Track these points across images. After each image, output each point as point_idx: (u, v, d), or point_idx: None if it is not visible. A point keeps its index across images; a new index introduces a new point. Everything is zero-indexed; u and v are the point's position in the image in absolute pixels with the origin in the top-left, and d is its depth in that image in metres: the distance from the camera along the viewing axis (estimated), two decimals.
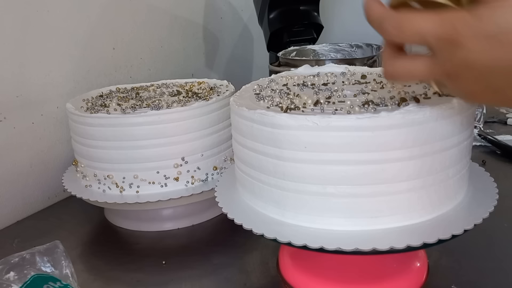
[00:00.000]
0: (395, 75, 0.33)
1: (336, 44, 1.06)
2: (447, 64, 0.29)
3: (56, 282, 0.42)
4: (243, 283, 0.52)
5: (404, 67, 0.32)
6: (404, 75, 0.32)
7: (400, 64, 0.32)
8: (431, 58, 0.30)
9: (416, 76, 0.32)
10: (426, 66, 0.31)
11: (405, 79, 0.33)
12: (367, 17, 0.33)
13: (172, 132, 0.59)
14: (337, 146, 0.39)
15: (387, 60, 0.33)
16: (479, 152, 0.81)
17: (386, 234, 0.40)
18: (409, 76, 0.32)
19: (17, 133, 0.71)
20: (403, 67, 0.32)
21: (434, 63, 0.30)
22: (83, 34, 0.81)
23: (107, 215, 0.70)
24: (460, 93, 0.32)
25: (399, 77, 0.33)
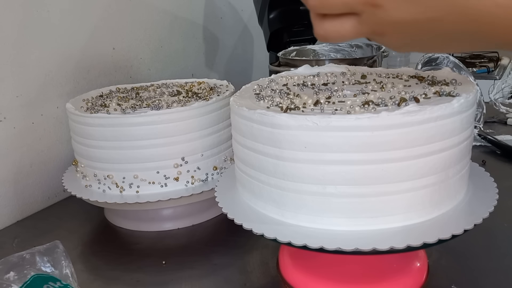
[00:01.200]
0: (326, 35, 0.34)
1: (336, 44, 1.06)
2: (372, 23, 0.31)
3: (56, 282, 0.42)
4: (243, 283, 0.52)
5: (333, 28, 0.33)
6: (334, 35, 0.34)
7: (329, 26, 0.33)
8: (357, 18, 0.32)
9: (346, 35, 0.33)
10: (353, 26, 0.32)
11: (336, 39, 0.34)
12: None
13: (172, 132, 0.59)
14: (337, 146, 0.39)
15: (316, 22, 0.34)
16: (479, 152, 0.81)
17: (386, 234, 0.40)
18: (339, 36, 0.34)
19: (17, 133, 0.71)
20: (332, 28, 0.33)
21: (361, 24, 0.32)
22: (83, 34, 0.81)
23: (107, 215, 0.70)
24: (389, 46, 0.34)
25: (330, 38, 0.34)
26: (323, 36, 0.34)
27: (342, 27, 0.33)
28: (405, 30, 0.31)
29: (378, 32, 0.32)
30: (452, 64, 0.85)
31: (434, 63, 0.87)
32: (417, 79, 0.51)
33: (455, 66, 0.85)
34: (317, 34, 0.35)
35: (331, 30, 0.33)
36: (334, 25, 0.33)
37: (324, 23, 0.34)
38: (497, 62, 1.28)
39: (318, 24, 0.34)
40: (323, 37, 0.34)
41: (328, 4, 0.32)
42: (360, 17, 0.32)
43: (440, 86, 0.46)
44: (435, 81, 0.49)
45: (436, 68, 0.82)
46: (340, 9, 0.32)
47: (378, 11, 0.30)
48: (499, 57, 1.31)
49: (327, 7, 0.32)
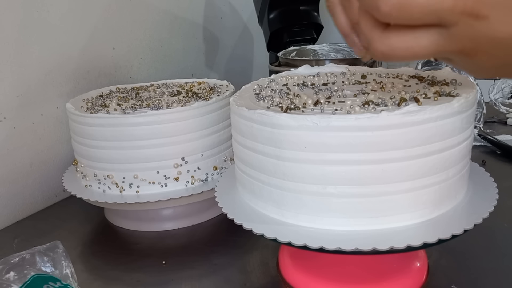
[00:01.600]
0: (390, 53, 0.26)
1: (336, 44, 1.06)
2: (465, 40, 0.25)
3: (56, 282, 0.42)
4: (243, 283, 0.52)
5: (404, 43, 0.26)
6: (404, 53, 0.26)
7: (398, 41, 0.26)
8: (441, 33, 0.25)
9: (419, 53, 0.26)
10: (434, 42, 0.25)
11: (404, 57, 0.26)
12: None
13: (172, 132, 0.59)
14: (337, 146, 0.39)
15: (375, 36, 0.27)
16: (479, 152, 0.81)
17: (386, 234, 0.40)
18: (410, 54, 0.26)
19: (17, 133, 0.71)
20: (402, 44, 0.26)
21: (447, 39, 0.25)
22: (83, 34, 0.81)
23: (107, 215, 0.70)
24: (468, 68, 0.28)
25: (396, 56, 0.27)
26: (386, 54, 0.27)
27: (417, 43, 0.25)
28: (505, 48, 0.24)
29: (467, 51, 0.25)
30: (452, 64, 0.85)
31: (434, 63, 0.87)
32: (417, 79, 0.51)
33: None
34: (377, 51, 0.27)
35: (400, 46, 0.26)
36: (405, 39, 0.26)
37: (390, 37, 0.26)
38: None
39: (380, 37, 0.26)
40: (386, 54, 0.27)
41: (410, 13, 0.24)
42: (447, 30, 0.25)
43: (440, 86, 0.46)
44: (435, 81, 0.49)
45: (436, 68, 0.82)
46: (424, 19, 0.25)
47: (479, 24, 0.24)
48: None
49: (407, 17, 0.25)
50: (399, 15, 0.25)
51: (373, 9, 0.25)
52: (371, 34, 0.27)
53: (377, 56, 0.27)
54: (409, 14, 0.24)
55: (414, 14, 0.24)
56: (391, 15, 0.25)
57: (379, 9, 0.25)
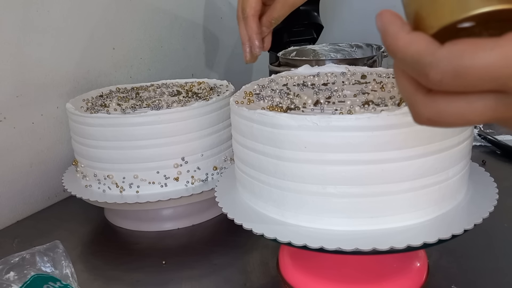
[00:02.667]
0: (438, 119, 0.23)
1: (336, 44, 1.06)
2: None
3: (56, 282, 0.42)
4: (243, 283, 0.52)
5: (455, 110, 0.22)
6: (455, 120, 0.23)
7: (447, 107, 0.22)
8: (500, 98, 0.22)
9: (473, 121, 0.23)
10: (491, 108, 0.22)
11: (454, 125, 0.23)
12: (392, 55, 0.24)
13: (172, 132, 0.59)
14: (337, 146, 0.39)
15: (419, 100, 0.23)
16: (479, 152, 0.81)
17: (386, 234, 0.40)
18: (462, 121, 0.23)
19: (17, 133, 0.71)
20: (452, 110, 0.22)
21: (506, 105, 0.22)
22: (83, 34, 0.81)
23: (107, 215, 0.70)
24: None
25: (446, 123, 0.23)
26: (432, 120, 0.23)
27: (470, 109, 0.22)
28: None
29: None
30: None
31: None
32: None
33: None
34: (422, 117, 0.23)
35: (450, 113, 0.22)
36: (456, 106, 0.22)
37: (438, 103, 0.22)
38: None
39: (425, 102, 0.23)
40: (432, 121, 0.23)
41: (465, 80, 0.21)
42: (508, 97, 0.21)
43: None
44: None
45: None
46: (481, 86, 0.21)
47: None
48: None
49: (461, 85, 0.21)
50: (453, 82, 0.21)
51: (420, 76, 0.22)
52: (414, 98, 0.23)
53: (422, 121, 0.24)
54: (465, 81, 0.21)
55: (472, 81, 0.21)
56: (442, 82, 0.21)
57: (428, 76, 0.22)
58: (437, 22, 0.22)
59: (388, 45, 0.24)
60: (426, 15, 0.23)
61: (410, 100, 0.24)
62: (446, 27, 0.22)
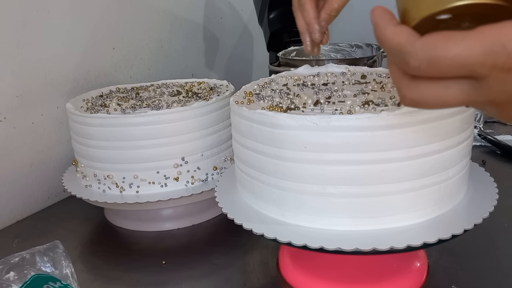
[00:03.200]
0: (421, 102, 0.27)
1: (336, 44, 1.06)
2: (496, 92, 0.24)
3: (56, 282, 0.42)
4: (243, 283, 0.52)
5: (434, 93, 0.26)
6: (434, 102, 0.26)
7: (428, 90, 0.26)
8: (472, 84, 0.25)
9: (449, 102, 0.26)
10: (465, 93, 0.25)
11: (434, 107, 0.27)
12: (381, 45, 0.28)
13: (172, 132, 0.59)
14: (337, 146, 0.39)
15: (405, 84, 0.27)
16: (479, 152, 0.81)
17: (386, 234, 0.40)
18: (441, 104, 0.26)
19: (17, 133, 0.71)
20: (432, 93, 0.26)
21: (477, 90, 0.25)
22: (83, 34, 0.81)
23: (107, 215, 0.70)
24: (500, 117, 0.28)
25: (426, 105, 0.27)
26: (415, 101, 0.27)
27: (447, 93, 0.25)
28: None
29: (498, 102, 0.25)
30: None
31: None
32: None
33: None
34: (406, 98, 0.27)
35: (429, 95, 0.26)
36: (435, 89, 0.25)
37: (419, 87, 0.26)
38: None
39: (409, 86, 0.26)
40: (416, 102, 0.27)
41: (439, 67, 0.24)
42: (478, 82, 0.24)
43: None
44: None
45: None
46: (454, 73, 0.24)
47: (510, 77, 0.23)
48: None
49: (436, 71, 0.25)
50: (428, 69, 0.25)
51: (402, 63, 0.26)
52: (400, 82, 0.27)
53: (406, 103, 0.27)
54: (438, 68, 0.24)
55: (443, 68, 0.24)
56: (419, 69, 0.25)
57: (408, 63, 0.25)
58: (418, 14, 0.25)
59: (378, 36, 0.27)
60: (410, 9, 0.26)
61: (397, 84, 0.27)
62: (425, 19, 0.25)
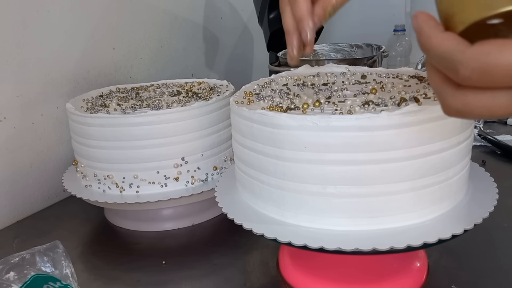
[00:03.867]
0: (467, 112, 0.25)
1: (336, 44, 1.06)
2: None
3: (56, 282, 0.42)
4: (243, 283, 0.52)
5: (481, 102, 0.24)
6: (481, 112, 0.25)
7: (475, 99, 0.24)
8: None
9: (497, 113, 0.25)
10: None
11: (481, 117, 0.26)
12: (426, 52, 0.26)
13: (172, 132, 0.59)
14: (337, 146, 0.39)
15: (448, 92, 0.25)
16: (479, 152, 0.81)
17: (386, 234, 0.40)
18: (489, 114, 0.25)
19: (17, 133, 0.71)
20: (479, 102, 0.24)
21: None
22: (83, 34, 0.81)
23: (107, 215, 0.70)
24: None
25: (472, 114, 0.25)
26: (460, 111, 0.25)
27: (496, 103, 0.24)
28: None
29: None
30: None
31: None
32: (417, 79, 0.51)
33: None
34: (451, 108, 0.26)
35: (478, 106, 0.25)
36: (483, 99, 0.24)
37: (467, 96, 0.25)
38: None
39: (454, 95, 0.25)
40: (460, 112, 0.25)
41: (492, 77, 0.23)
42: None
43: None
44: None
45: None
46: (509, 82, 0.23)
47: None
48: None
49: (488, 81, 0.23)
50: (481, 79, 0.24)
51: (450, 72, 0.25)
52: (443, 89, 0.26)
53: (450, 112, 0.26)
54: (491, 78, 0.23)
55: (497, 78, 0.23)
56: (471, 78, 0.24)
57: (458, 73, 0.24)
58: (466, 18, 0.24)
59: (423, 43, 0.26)
60: (457, 13, 0.24)
61: (440, 93, 0.26)
62: (475, 24, 0.24)
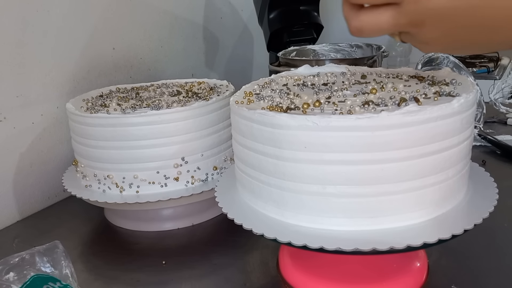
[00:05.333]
0: (362, 29, 0.34)
1: (336, 44, 1.06)
2: (412, 13, 0.32)
3: (55, 282, 0.42)
4: (243, 283, 0.52)
5: (370, 19, 0.34)
6: (372, 28, 0.34)
7: (366, 17, 0.34)
8: (396, 9, 0.32)
9: (383, 28, 0.34)
10: (392, 17, 0.33)
11: (373, 32, 0.34)
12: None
13: (172, 132, 0.59)
14: (337, 146, 0.39)
15: (351, 15, 0.34)
16: (479, 152, 0.81)
17: (386, 234, 0.40)
18: (377, 29, 0.34)
19: (17, 133, 0.71)
20: (369, 19, 0.34)
21: (400, 13, 0.32)
22: (83, 34, 0.81)
23: (107, 215, 0.70)
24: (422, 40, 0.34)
25: (367, 31, 0.34)
26: (358, 28, 0.34)
27: (380, 19, 0.33)
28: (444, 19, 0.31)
29: (415, 22, 0.32)
30: (452, 64, 0.85)
31: (434, 63, 0.87)
32: (417, 79, 0.51)
33: (455, 66, 0.85)
34: (352, 26, 0.35)
35: (367, 21, 0.34)
36: (371, 16, 0.33)
37: (360, 15, 0.34)
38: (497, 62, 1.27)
39: (353, 16, 0.34)
40: (359, 29, 0.34)
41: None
42: (399, 7, 0.32)
43: (440, 86, 0.46)
44: (435, 81, 0.49)
45: (436, 68, 0.82)
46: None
47: None
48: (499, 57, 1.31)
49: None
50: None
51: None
52: (348, 14, 0.35)
53: (352, 30, 0.35)
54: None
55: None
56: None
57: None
58: None
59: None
60: None
61: (346, 18, 0.35)
62: None
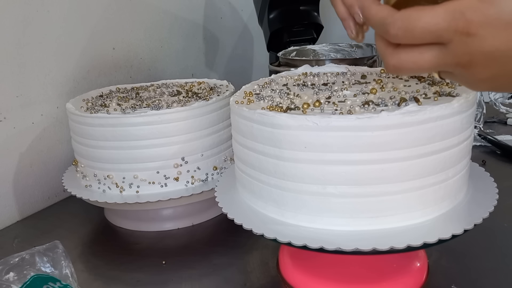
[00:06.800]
0: (401, 67, 0.32)
1: (336, 44, 1.06)
2: (460, 54, 0.29)
3: (55, 282, 0.42)
4: (243, 283, 0.52)
5: (411, 58, 0.31)
6: (412, 67, 0.31)
7: (406, 56, 0.31)
8: (441, 49, 0.29)
9: (424, 66, 0.31)
10: (435, 56, 0.30)
11: (412, 71, 0.32)
12: (367, 21, 0.34)
13: (172, 132, 0.59)
14: (337, 146, 0.39)
15: (388, 53, 0.32)
16: (479, 152, 0.81)
17: (386, 234, 0.40)
18: (417, 67, 0.31)
19: (17, 133, 0.71)
20: (409, 59, 0.31)
21: (445, 54, 0.29)
22: (83, 34, 0.81)
23: (107, 215, 0.70)
24: (468, 80, 0.32)
25: (405, 69, 0.32)
26: (396, 67, 0.32)
27: (422, 58, 0.30)
28: (495, 60, 0.29)
29: (463, 63, 0.29)
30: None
31: None
32: (417, 79, 0.51)
33: None
34: (389, 65, 0.32)
35: (408, 60, 0.31)
36: (412, 55, 0.31)
37: (400, 53, 0.31)
38: None
39: (391, 54, 0.32)
40: (397, 68, 0.32)
41: (413, 34, 0.29)
42: (445, 47, 0.29)
43: (440, 86, 0.46)
44: (435, 81, 0.49)
45: None
46: (425, 38, 0.29)
47: (470, 40, 0.28)
48: None
49: (411, 37, 0.30)
50: (405, 35, 0.30)
51: (384, 33, 0.31)
52: (385, 51, 0.32)
53: (389, 69, 0.33)
54: (412, 34, 0.30)
55: (417, 34, 0.29)
56: (398, 36, 0.30)
57: (389, 32, 0.31)
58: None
59: (365, 15, 0.34)
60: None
61: (383, 54, 0.33)
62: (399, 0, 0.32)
